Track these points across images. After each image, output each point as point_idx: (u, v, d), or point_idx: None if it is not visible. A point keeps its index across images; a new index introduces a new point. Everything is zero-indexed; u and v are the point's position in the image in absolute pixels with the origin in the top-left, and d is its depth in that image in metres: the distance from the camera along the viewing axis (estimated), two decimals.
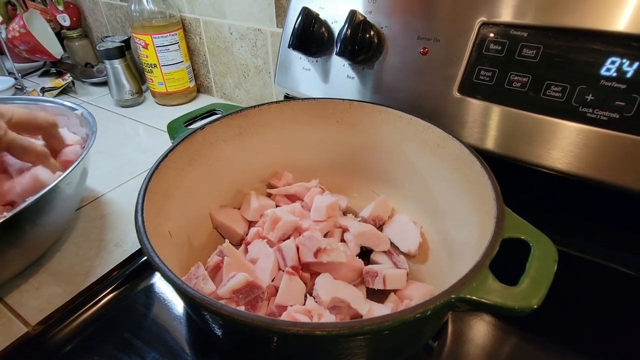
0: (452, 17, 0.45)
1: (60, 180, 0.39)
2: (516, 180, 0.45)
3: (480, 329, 0.37)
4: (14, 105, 0.42)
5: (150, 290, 0.42)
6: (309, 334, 0.23)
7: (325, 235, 0.43)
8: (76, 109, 0.53)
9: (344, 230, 0.45)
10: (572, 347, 0.35)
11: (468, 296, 0.24)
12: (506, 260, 0.27)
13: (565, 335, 0.36)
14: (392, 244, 0.44)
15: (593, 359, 0.35)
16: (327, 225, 0.44)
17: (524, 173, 0.44)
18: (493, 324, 0.37)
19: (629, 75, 0.37)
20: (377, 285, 0.38)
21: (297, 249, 0.39)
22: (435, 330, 0.35)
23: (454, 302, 0.24)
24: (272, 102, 0.47)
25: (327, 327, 0.22)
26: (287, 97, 0.63)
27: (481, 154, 0.37)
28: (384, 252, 0.43)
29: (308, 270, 0.39)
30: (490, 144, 0.45)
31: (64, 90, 0.91)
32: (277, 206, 0.48)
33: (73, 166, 0.41)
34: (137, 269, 0.44)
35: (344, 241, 0.44)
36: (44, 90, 0.88)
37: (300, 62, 0.58)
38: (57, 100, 0.55)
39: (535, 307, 0.24)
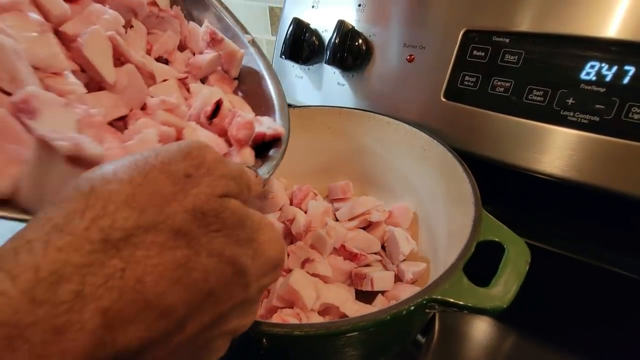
0: (437, 24, 0.46)
1: None
2: (503, 183, 0.46)
3: (468, 324, 0.38)
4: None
5: None
6: (289, 334, 0.24)
7: None
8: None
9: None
10: (560, 344, 0.36)
11: (440, 297, 0.25)
12: (488, 262, 0.28)
13: (552, 332, 0.37)
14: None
15: (586, 356, 0.36)
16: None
17: (512, 176, 0.45)
18: (481, 318, 0.38)
19: (607, 79, 0.37)
20: (366, 287, 0.39)
21: (288, 255, 0.40)
22: (420, 327, 0.36)
23: (427, 303, 0.25)
24: None
25: (305, 328, 0.24)
26: None
27: (468, 158, 0.38)
28: (374, 253, 0.44)
29: None
30: (476, 148, 0.46)
31: None
32: None
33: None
34: None
35: None
36: None
37: (293, 70, 0.60)
38: None
39: (505, 307, 0.25)
